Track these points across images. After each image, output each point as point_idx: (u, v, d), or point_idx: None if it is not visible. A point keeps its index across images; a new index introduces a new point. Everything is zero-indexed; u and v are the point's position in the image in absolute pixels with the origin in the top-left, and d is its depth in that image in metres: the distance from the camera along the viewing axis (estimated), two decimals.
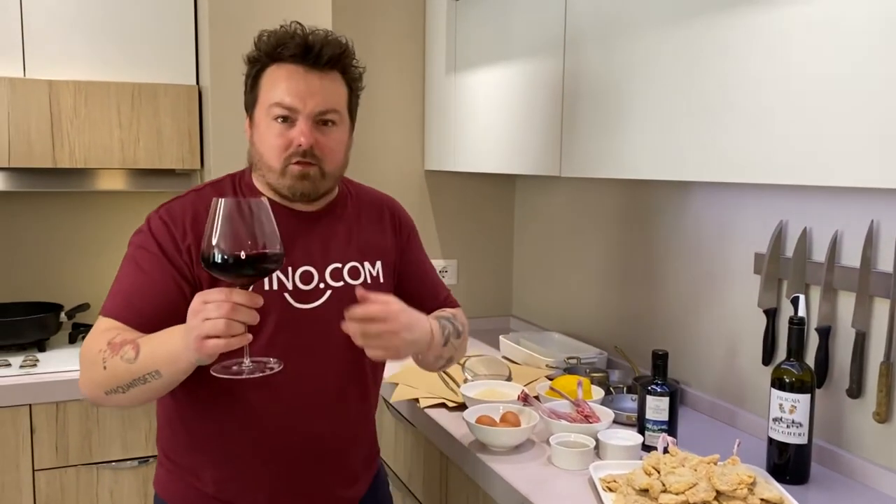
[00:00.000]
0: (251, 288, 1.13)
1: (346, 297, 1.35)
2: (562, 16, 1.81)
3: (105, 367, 1.21)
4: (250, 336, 1.11)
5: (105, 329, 1.26)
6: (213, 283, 1.24)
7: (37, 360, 2.13)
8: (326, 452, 1.40)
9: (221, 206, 1.10)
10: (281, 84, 1.31)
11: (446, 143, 2.47)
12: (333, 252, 1.40)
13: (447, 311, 1.53)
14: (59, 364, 2.11)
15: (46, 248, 2.50)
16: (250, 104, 1.37)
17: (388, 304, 1.24)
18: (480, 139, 2.25)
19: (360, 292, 1.23)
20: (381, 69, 2.57)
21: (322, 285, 1.37)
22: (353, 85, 1.39)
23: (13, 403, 1.98)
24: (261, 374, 1.15)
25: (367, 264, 1.43)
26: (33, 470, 2.02)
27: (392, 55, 2.58)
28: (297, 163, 1.31)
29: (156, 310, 1.27)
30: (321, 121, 1.32)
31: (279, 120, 1.30)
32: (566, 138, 1.82)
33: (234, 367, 1.15)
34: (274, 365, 1.17)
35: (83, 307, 2.38)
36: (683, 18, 1.46)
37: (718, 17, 1.38)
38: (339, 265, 1.40)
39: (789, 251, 1.64)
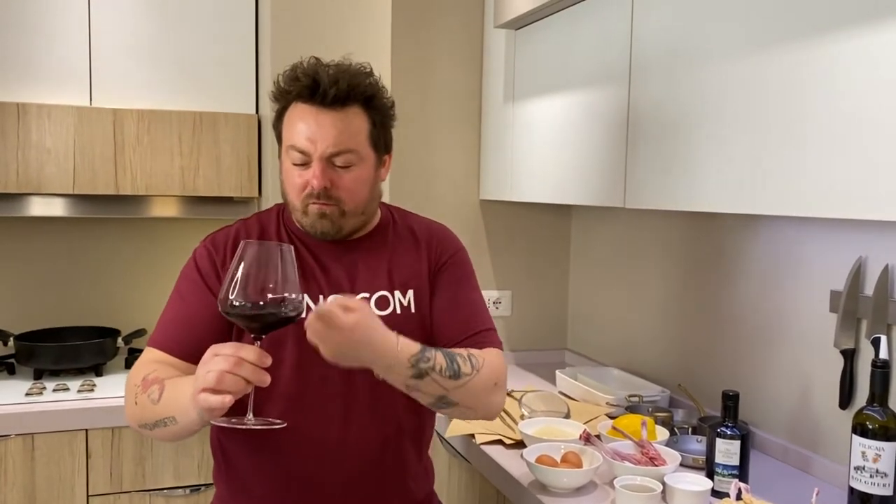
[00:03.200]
0: (258, 343, 1.11)
1: None
2: (627, 45, 1.77)
3: (136, 403, 1.26)
4: (248, 390, 1.08)
5: (147, 361, 1.31)
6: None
7: (94, 385, 2.15)
8: (357, 492, 1.34)
9: (245, 249, 1.11)
10: (295, 126, 1.30)
11: (502, 172, 2.44)
12: (362, 281, 1.37)
13: (465, 350, 1.32)
14: (116, 389, 2.12)
15: (105, 273, 2.54)
16: (278, 141, 1.38)
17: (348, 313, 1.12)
18: (538, 169, 2.21)
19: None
20: (437, 98, 2.56)
21: None
22: (376, 117, 1.34)
23: (71, 428, 1.99)
24: (261, 427, 1.14)
25: (397, 293, 1.39)
26: (87, 495, 2.02)
27: (449, 84, 2.57)
28: (315, 203, 1.31)
29: (195, 339, 1.28)
30: (335, 162, 1.30)
31: (296, 163, 1.31)
32: (630, 169, 1.77)
33: (235, 420, 1.13)
34: (277, 423, 1.15)
35: (140, 333, 2.40)
36: (757, 46, 1.41)
37: (793, 45, 1.33)
38: (367, 294, 1.36)
39: (869, 289, 1.56)
